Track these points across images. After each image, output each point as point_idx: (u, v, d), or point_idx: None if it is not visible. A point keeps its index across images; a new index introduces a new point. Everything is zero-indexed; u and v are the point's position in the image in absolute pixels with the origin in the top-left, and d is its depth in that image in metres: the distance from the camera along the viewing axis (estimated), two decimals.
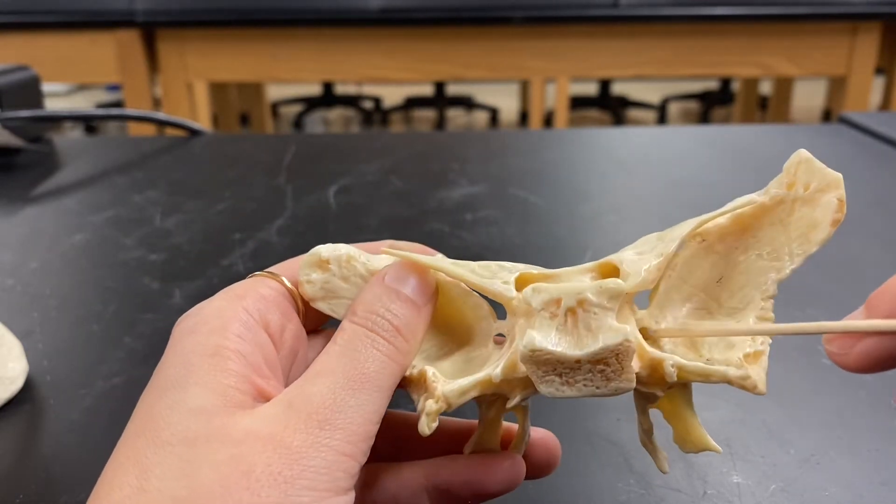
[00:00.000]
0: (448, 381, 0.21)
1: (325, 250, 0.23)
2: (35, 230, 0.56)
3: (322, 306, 0.23)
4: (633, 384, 0.20)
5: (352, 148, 0.78)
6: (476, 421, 0.23)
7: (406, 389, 0.22)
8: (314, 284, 0.23)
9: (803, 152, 0.21)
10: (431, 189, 0.63)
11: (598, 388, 0.20)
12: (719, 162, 0.71)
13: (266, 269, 0.23)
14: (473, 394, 0.21)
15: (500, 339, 0.23)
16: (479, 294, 0.23)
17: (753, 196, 0.22)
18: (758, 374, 0.20)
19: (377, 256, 0.23)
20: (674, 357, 0.20)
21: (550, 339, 0.20)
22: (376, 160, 0.72)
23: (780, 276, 0.21)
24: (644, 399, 0.22)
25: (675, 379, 0.20)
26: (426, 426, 0.21)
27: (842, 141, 0.76)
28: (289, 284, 0.23)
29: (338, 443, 0.18)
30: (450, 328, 0.24)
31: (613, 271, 0.22)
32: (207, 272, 0.48)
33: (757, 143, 0.77)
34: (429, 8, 1.59)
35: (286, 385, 0.20)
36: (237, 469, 0.17)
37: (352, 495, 0.19)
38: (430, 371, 0.21)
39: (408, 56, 1.65)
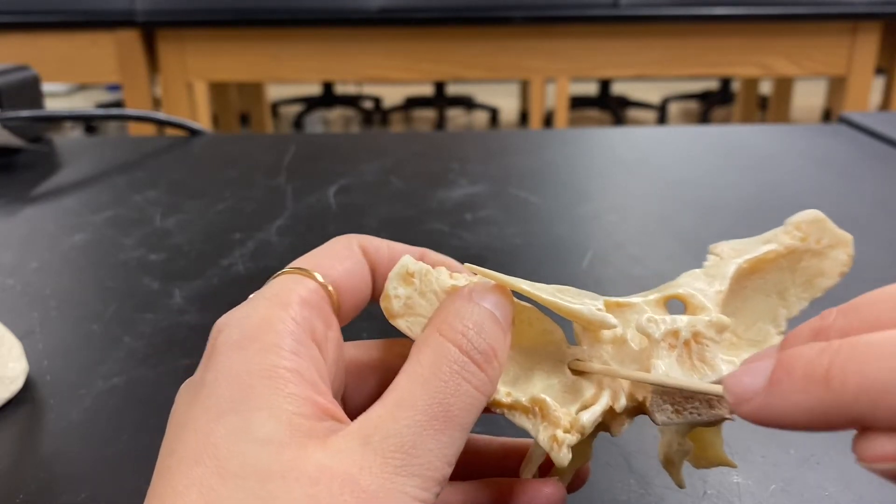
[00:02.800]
0: (567, 412, 0.21)
1: (411, 263, 0.22)
2: (35, 230, 0.56)
3: (401, 323, 0.22)
4: (729, 410, 0.21)
5: (352, 148, 0.78)
6: (518, 439, 0.24)
7: (497, 414, 0.22)
8: (399, 300, 0.22)
9: (818, 214, 0.23)
10: (431, 189, 0.63)
11: (700, 415, 0.21)
12: (719, 162, 0.71)
13: (294, 265, 0.22)
14: (599, 420, 0.22)
15: (577, 370, 0.23)
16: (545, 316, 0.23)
17: (774, 246, 0.23)
18: None
19: (442, 272, 0.22)
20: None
21: (676, 371, 0.21)
22: (376, 160, 0.72)
23: (790, 314, 0.23)
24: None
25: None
26: (564, 458, 0.21)
27: (842, 141, 0.76)
28: (322, 280, 0.21)
29: (412, 489, 0.18)
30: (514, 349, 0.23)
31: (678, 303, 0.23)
32: (207, 272, 0.48)
33: (757, 143, 0.77)
34: (429, 8, 1.59)
35: (334, 396, 0.20)
36: None
37: None
38: (549, 399, 0.21)
39: (408, 56, 1.65)
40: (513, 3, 1.60)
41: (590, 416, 0.21)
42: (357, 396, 0.24)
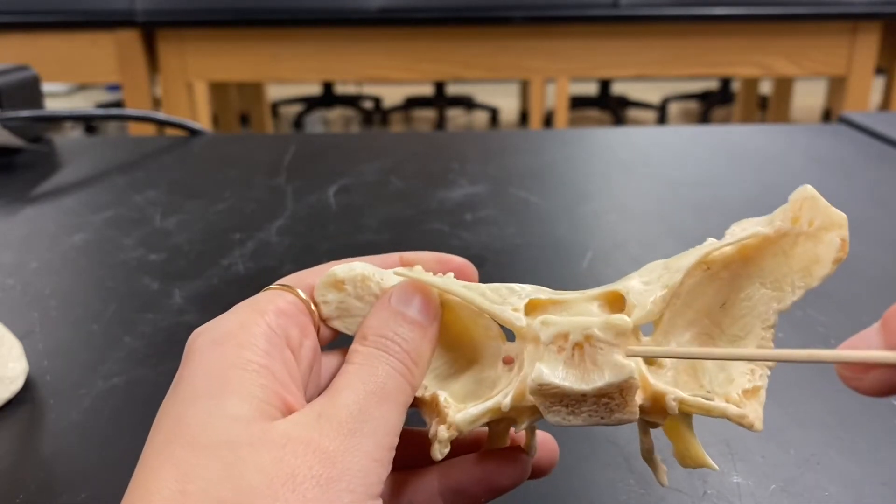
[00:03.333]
0: (459, 408, 0.22)
1: (340, 271, 0.23)
2: (35, 230, 0.56)
3: (338, 324, 0.24)
4: (636, 416, 0.21)
5: (352, 148, 0.78)
6: (485, 430, 0.24)
7: (419, 409, 0.23)
8: (330, 305, 0.23)
9: (809, 189, 0.21)
10: (431, 189, 0.63)
11: (602, 418, 0.21)
12: (719, 162, 0.71)
13: (280, 282, 0.23)
14: (483, 421, 0.22)
15: (509, 360, 0.23)
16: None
17: (759, 228, 0.22)
18: (755, 411, 0.21)
19: (390, 275, 0.24)
20: (676, 392, 0.21)
21: (558, 374, 0.21)
22: (376, 160, 0.72)
23: (781, 306, 0.22)
24: (646, 423, 0.23)
25: (677, 412, 0.21)
26: (438, 452, 0.22)
27: (842, 141, 0.76)
28: (304, 297, 0.23)
29: (370, 449, 0.19)
30: (460, 345, 0.24)
31: (619, 300, 0.22)
32: (207, 272, 0.48)
33: (757, 143, 0.77)
34: (429, 8, 1.59)
35: (306, 399, 0.21)
36: (282, 471, 0.18)
37: (380, 503, 0.19)
38: (443, 396, 0.22)
39: (408, 56, 1.65)
40: (513, 3, 1.60)
41: (463, 416, 0.22)
42: None
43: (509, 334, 0.23)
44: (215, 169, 0.71)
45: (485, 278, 0.24)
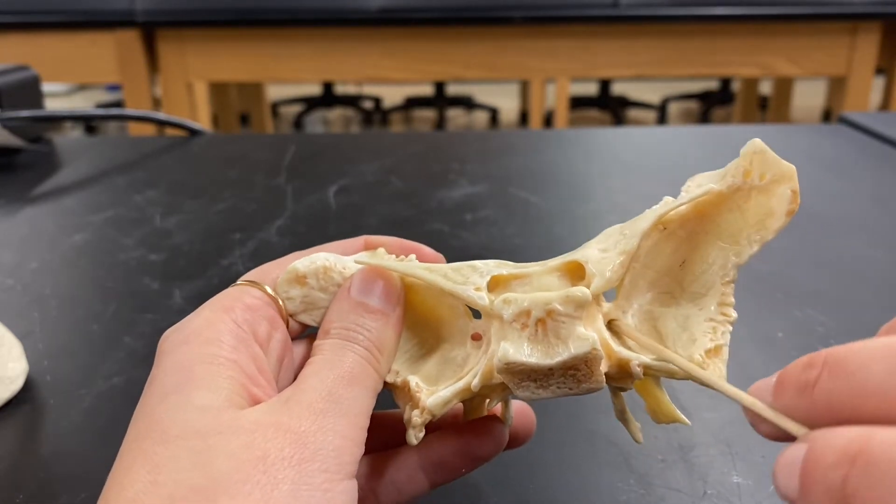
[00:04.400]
0: (431, 391, 0.22)
1: (301, 266, 0.24)
2: (35, 230, 0.56)
3: (304, 318, 0.24)
4: (603, 385, 0.21)
5: (352, 148, 0.78)
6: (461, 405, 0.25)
7: (393, 394, 0.23)
8: (294, 300, 0.23)
9: (758, 142, 0.22)
10: (431, 189, 0.63)
11: (570, 388, 0.21)
12: (720, 162, 0.71)
13: (245, 278, 0.24)
14: (455, 402, 0.22)
15: (477, 336, 0.24)
16: None
17: (711, 185, 0.22)
18: (719, 370, 0.21)
19: (352, 262, 0.24)
20: (640, 357, 0.21)
21: (523, 351, 0.21)
22: (376, 160, 0.72)
23: (740, 260, 0.22)
24: (616, 388, 0.23)
25: (642, 377, 0.21)
26: (413, 437, 0.22)
27: (842, 141, 0.76)
28: (271, 292, 0.23)
29: (342, 428, 0.19)
30: (427, 325, 0.24)
31: (579, 269, 0.22)
32: (207, 272, 0.48)
33: None
34: (429, 8, 1.59)
35: (278, 391, 0.21)
36: (252, 455, 0.18)
37: (356, 483, 0.19)
38: (414, 381, 0.22)
39: (408, 56, 1.65)
40: (513, 3, 1.60)
41: (434, 400, 0.22)
42: None
43: (476, 312, 0.23)
44: (215, 169, 0.71)
45: None
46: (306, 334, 0.25)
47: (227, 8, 1.59)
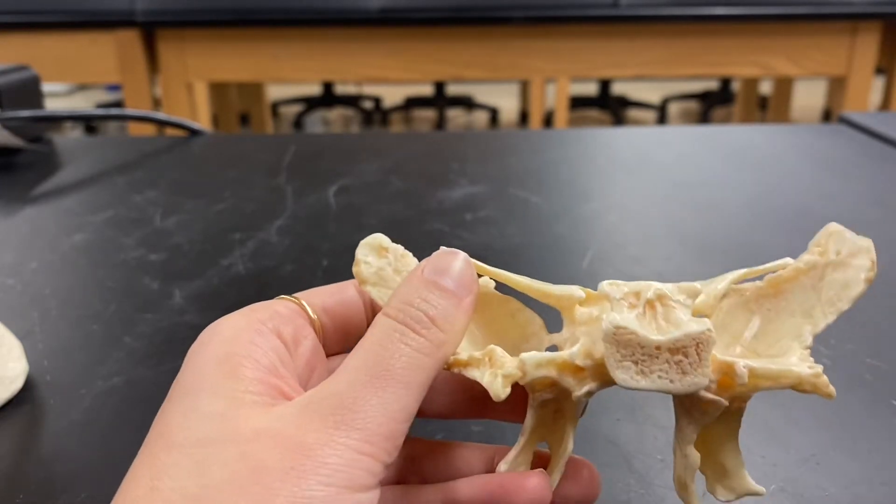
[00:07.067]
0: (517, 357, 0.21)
1: (386, 240, 0.23)
2: (35, 230, 0.56)
3: (371, 290, 0.23)
4: (708, 379, 0.20)
5: (352, 148, 0.78)
6: (499, 447, 0.24)
7: (461, 372, 0.21)
8: (370, 266, 0.23)
9: (834, 225, 0.23)
10: (431, 189, 0.63)
11: (671, 381, 0.20)
12: (719, 162, 0.71)
13: (292, 295, 0.24)
14: (549, 370, 0.21)
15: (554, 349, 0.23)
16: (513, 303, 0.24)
17: (788, 258, 0.23)
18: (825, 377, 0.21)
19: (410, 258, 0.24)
20: (745, 360, 0.21)
21: (633, 322, 0.20)
22: (376, 160, 0.72)
23: (816, 330, 0.22)
24: (695, 419, 0.22)
25: (746, 381, 0.20)
26: (500, 388, 0.21)
27: (842, 141, 0.76)
28: (310, 310, 0.23)
29: (355, 442, 0.18)
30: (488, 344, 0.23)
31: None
32: (207, 272, 0.48)
33: (757, 143, 0.77)
34: (429, 8, 1.59)
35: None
36: (247, 465, 0.18)
37: (375, 493, 0.19)
38: (500, 350, 0.21)
39: (408, 56, 1.65)
40: (513, 3, 1.60)
41: (531, 356, 0.21)
42: None
43: (552, 327, 0.23)
44: (215, 169, 0.71)
45: None
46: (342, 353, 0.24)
47: (227, 8, 1.59)
